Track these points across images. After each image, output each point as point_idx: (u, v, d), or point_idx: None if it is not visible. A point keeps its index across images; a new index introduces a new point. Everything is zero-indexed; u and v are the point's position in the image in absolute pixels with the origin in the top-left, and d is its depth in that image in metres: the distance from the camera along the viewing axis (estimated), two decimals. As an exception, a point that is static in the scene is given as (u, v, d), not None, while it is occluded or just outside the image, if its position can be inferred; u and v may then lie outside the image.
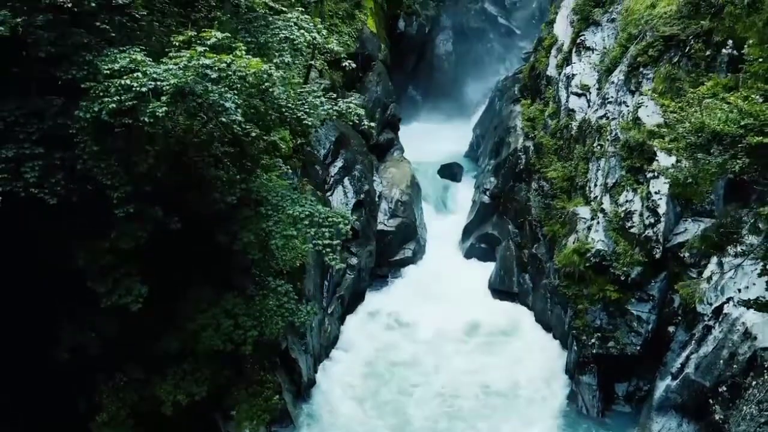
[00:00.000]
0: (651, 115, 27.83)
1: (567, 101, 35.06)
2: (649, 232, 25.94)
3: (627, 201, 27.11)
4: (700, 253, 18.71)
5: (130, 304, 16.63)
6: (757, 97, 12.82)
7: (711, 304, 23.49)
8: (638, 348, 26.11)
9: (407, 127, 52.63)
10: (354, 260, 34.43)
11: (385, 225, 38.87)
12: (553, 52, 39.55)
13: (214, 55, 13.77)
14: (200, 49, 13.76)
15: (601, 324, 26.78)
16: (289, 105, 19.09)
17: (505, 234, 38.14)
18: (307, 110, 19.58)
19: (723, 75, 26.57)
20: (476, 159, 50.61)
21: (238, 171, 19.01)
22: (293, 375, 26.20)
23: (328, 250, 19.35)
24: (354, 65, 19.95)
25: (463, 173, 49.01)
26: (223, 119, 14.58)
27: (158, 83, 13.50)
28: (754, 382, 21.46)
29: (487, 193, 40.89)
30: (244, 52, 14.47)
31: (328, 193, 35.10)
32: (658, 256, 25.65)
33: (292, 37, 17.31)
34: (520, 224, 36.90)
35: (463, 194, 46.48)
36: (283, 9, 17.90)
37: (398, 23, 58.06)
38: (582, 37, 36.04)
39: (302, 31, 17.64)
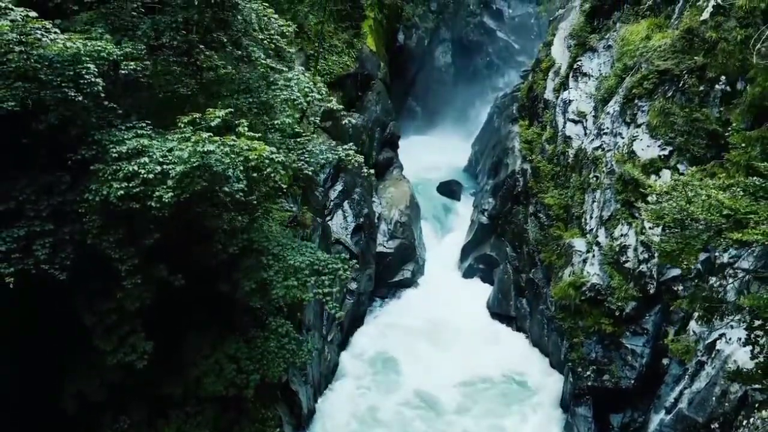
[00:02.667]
0: (645, 149, 28.19)
1: (564, 127, 35.45)
2: (644, 267, 26.33)
3: (622, 235, 27.50)
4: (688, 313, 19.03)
5: (135, 361, 17.07)
6: (739, 189, 13.27)
7: (704, 340, 23.94)
8: (633, 381, 26.52)
9: (406, 140, 53.10)
10: (353, 285, 34.80)
11: (384, 246, 39.27)
12: (551, 75, 39.91)
13: (218, 139, 14.19)
14: (204, 135, 14.17)
15: (597, 357, 27.21)
16: (290, 156, 19.58)
17: (503, 256, 38.56)
18: (307, 159, 20.04)
19: (716, 110, 27.02)
20: (475, 176, 51.09)
21: (239, 219, 19.37)
22: (293, 407, 26.59)
23: (328, 298, 19.79)
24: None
25: (462, 191, 49.43)
26: (226, 188, 15.05)
27: (165, 166, 13.96)
28: (744, 421, 21.89)
29: (486, 213, 41.32)
30: (246, 129, 14.92)
31: (328, 218, 35.50)
32: (652, 291, 26.06)
33: (292, 97, 17.74)
34: (518, 247, 37.35)
35: (462, 212, 47.03)
36: (283, 69, 18.30)
37: (398, 36, 58.45)
38: (579, 63, 36.38)
39: (302, 90, 18.03)
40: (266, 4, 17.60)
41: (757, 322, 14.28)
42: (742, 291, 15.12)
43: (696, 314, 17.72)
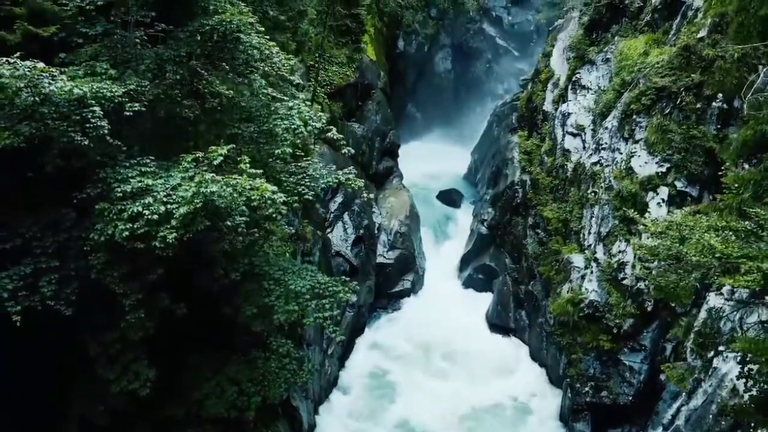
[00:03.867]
0: (643, 165, 28.41)
1: (563, 140, 35.71)
2: (641, 284, 26.56)
3: (620, 251, 27.74)
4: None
5: (138, 389, 17.27)
6: (731, 233, 13.51)
7: (701, 356, 24.16)
8: (631, 398, 26.80)
9: (406, 145, 53.31)
10: (353, 297, 34.92)
11: (384, 257, 39.43)
12: (550, 86, 40.19)
13: (220, 179, 14.41)
14: (208, 175, 14.39)
15: (595, 373, 27.48)
16: (290, 180, 19.82)
17: (502, 267, 38.79)
18: (308, 183, 20.23)
19: (713, 127, 27.24)
20: (475, 184, 51.32)
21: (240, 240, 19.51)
22: (294, 423, 26.75)
23: (329, 322, 20.00)
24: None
25: (462, 199, 49.65)
26: (228, 222, 15.28)
27: (169, 206, 14.19)
28: (741, 440, 22.13)
29: (485, 224, 41.56)
30: (248, 165, 15.15)
31: (329, 230, 35.69)
32: (649, 309, 26.31)
33: (293, 126, 17.94)
34: (517, 258, 37.59)
35: (462, 221, 47.22)
36: (284, 98, 18.51)
37: (398, 43, 58.89)
38: (578, 75, 36.63)
39: (303, 118, 18.24)
40: (267, 38, 17.76)
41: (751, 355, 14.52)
42: (735, 328, 15.33)
43: (690, 346, 17.91)
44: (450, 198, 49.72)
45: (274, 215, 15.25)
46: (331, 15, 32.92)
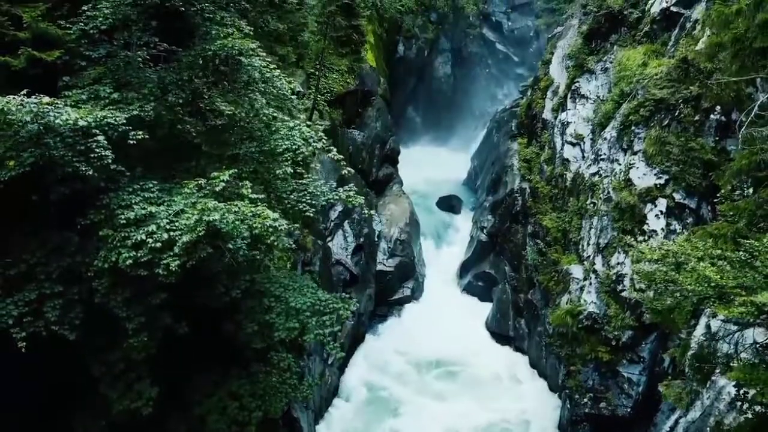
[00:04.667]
0: (642, 177, 28.55)
1: (562, 149, 35.87)
2: (640, 296, 26.69)
3: (618, 263, 27.88)
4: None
5: (141, 408, 17.42)
6: (725, 264, 13.69)
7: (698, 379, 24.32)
8: (629, 410, 26.90)
9: (406, 149, 53.58)
10: (354, 306, 35.10)
11: (384, 265, 39.64)
12: (549, 94, 40.32)
13: (222, 207, 14.58)
14: (210, 204, 14.55)
15: (593, 384, 27.61)
16: (291, 198, 20.00)
17: (501, 274, 38.99)
18: (309, 201, 20.37)
19: (711, 140, 27.44)
20: (474, 189, 51.55)
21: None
22: (294, 434, 27.01)
23: (329, 339, 20.16)
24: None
25: (461, 205, 49.86)
26: (230, 246, 15.46)
27: (171, 233, 14.37)
28: (738, 453, 22.29)
29: (485, 231, 41.74)
30: (249, 191, 15.32)
31: (329, 239, 35.87)
32: (647, 322, 26.44)
33: (294, 146, 18.10)
34: (516, 266, 37.77)
35: (462, 226, 47.53)
36: (285, 118, 18.67)
37: (398, 47, 59.08)
38: (577, 84, 36.77)
39: (305, 138, 18.40)
40: (269, 60, 17.92)
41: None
42: (731, 351, 15.51)
43: (687, 370, 18.08)
44: (449, 204, 49.95)
45: (275, 243, 15.38)
46: (332, 26, 32.99)
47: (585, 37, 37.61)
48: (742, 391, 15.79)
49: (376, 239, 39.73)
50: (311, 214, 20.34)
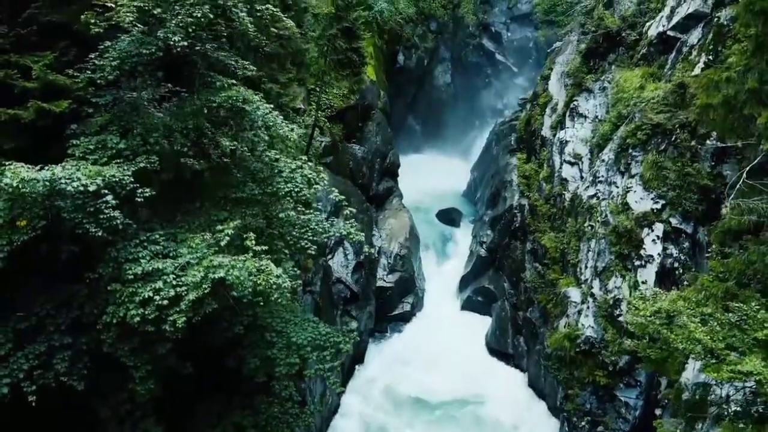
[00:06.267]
0: (639, 201, 28.92)
1: (560, 168, 36.21)
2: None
3: (615, 287, 28.26)
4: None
5: (147, 447, 17.87)
6: (714, 323, 14.06)
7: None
8: (626, 434, 27.34)
9: (405, 158, 53.62)
10: (354, 324, 35.53)
11: (384, 281, 39.92)
12: (548, 111, 40.64)
13: (227, 263, 14.97)
14: (216, 261, 14.94)
15: (591, 408, 28.01)
16: (293, 234, 20.38)
17: (500, 290, 39.33)
18: (310, 237, 20.74)
19: (707, 165, 27.77)
20: (474, 202, 51.86)
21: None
22: (297, 457, 27.35)
23: (329, 374, 20.58)
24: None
25: (461, 218, 50.16)
26: (234, 293, 15.83)
27: (178, 289, 14.76)
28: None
29: (484, 246, 42.10)
30: (253, 242, 15.71)
31: (329, 257, 36.21)
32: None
33: (296, 190, 18.49)
34: (515, 283, 38.11)
35: (461, 239, 47.76)
36: (287, 161, 19.04)
37: (398, 57, 59.31)
38: (575, 102, 37.08)
39: (307, 180, 18.79)
40: (271, 106, 18.27)
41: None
42: (721, 403, 15.87)
43: (680, 419, 18.46)
44: (449, 217, 50.26)
45: (279, 299, 15.76)
46: (332, 48, 33.34)
47: (583, 55, 37.92)
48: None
49: (376, 255, 40.00)
50: (313, 252, 20.71)
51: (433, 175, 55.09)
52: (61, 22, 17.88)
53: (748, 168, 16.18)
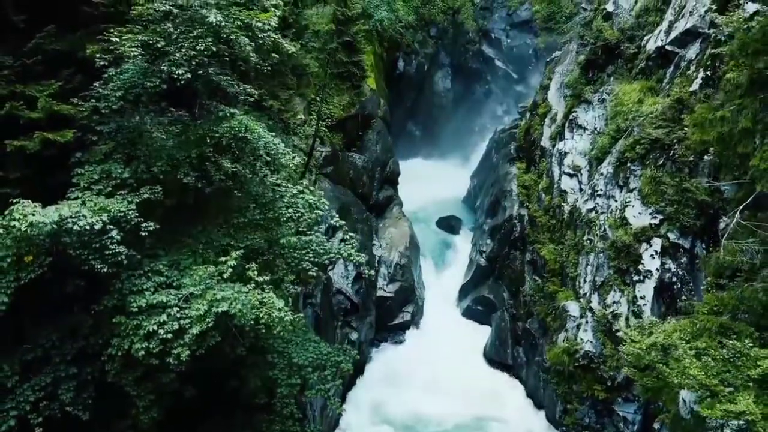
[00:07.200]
0: (638, 216, 29.12)
1: (560, 179, 36.39)
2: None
3: (614, 302, 28.47)
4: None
5: (150, 472, 18.08)
6: (709, 359, 14.30)
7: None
8: (625, 448, 27.58)
9: (405, 163, 53.79)
10: (354, 335, 35.75)
11: (384, 291, 40.14)
12: (547, 121, 40.82)
13: (230, 295, 15.21)
14: (219, 295, 15.17)
15: (590, 422, 28.26)
16: (294, 255, 20.60)
17: (500, 300, 39.53)
18: (311, 259, 20.96)
19: (705, 180, 27.92)
20: (474, 209, 52.02)
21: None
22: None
23: (330, 393, 20.82)
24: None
25: (461, 226, 50.36)
26: (236, 322, 16.06)
27: (182, 322, 15.00)
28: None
29: (484, 255, 42.30)
30: (255, 273, 15.93)
31: (330, 268, 36.37)
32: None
33: (297, 215, 18.73)
34: (515, 293, 38.31)
35: (461, 247, 47.93)
36: (289, 186, 19.27)
37: (398, 64, 59.55)
38: (574, 114, 37.24)
39: (309, 205, 19.03)
40: (273, 134, 18.48)
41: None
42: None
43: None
44: (449, 224, 50.48)
45: (281, 333, 16.00)
46: (333, 62, 33.54)
47: (582, 67, 38.08)
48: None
49: (376, 264, 40.21)
50: (314, 273, 20.94)
51: (432, 181, 55.28)
52: (65, 50, 18.09)
53: (741, 207, 16.38)
